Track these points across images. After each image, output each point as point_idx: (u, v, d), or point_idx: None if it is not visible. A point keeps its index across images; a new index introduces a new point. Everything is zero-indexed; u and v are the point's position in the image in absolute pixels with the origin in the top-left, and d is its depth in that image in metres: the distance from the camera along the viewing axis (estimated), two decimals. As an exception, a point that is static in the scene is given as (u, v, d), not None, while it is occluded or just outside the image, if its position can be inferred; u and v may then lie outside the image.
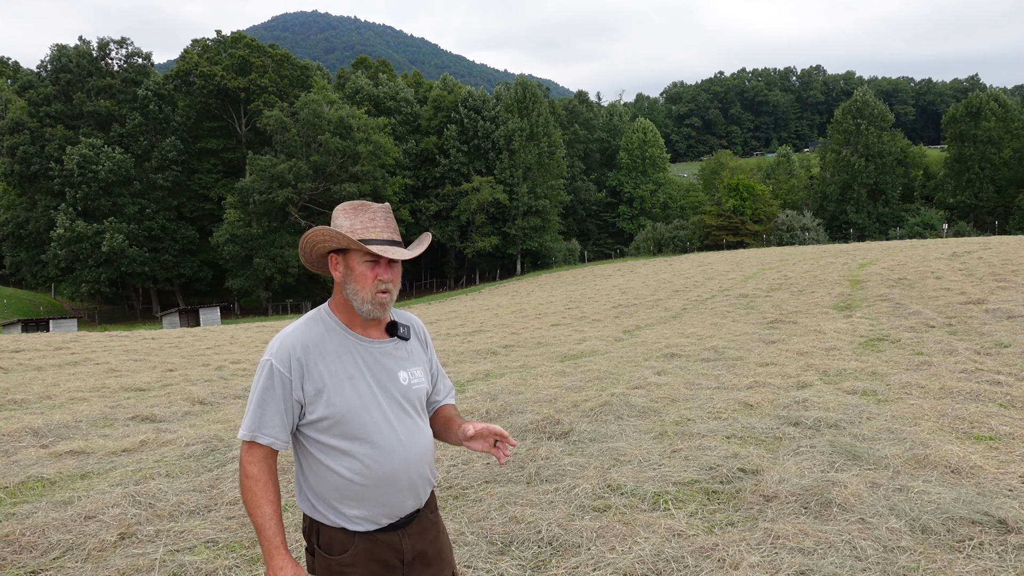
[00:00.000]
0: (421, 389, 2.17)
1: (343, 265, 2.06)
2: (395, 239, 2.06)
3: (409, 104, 67.67)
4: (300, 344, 2.03)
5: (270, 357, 2.02)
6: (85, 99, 56.32)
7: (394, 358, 2.13)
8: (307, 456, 2.08)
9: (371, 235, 2.02)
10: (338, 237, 2.00)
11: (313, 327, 2.07)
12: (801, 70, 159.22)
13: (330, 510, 2.05)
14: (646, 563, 3.58)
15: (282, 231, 54.22)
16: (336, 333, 2.08)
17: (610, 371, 9.14)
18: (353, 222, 2.03)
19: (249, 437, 2.01)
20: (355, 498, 2.02)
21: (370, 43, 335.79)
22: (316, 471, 2.06)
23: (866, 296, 16.57)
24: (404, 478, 2.05)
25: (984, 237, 43.34)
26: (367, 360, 2.08)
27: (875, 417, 6.06)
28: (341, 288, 2.08)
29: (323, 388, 2.00)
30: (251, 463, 2.01)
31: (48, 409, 8.27)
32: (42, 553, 3.98)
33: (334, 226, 2.05)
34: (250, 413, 2.02)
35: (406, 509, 2.09)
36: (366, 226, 2.02)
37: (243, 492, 2.02)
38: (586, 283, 37.19)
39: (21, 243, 58.07)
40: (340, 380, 2.02)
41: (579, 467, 5.14)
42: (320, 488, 2.05)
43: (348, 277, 2.05)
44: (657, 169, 76.82)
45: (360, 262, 2.02)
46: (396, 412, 2.07)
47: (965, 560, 3.47)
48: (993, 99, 69.86)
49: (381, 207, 2.07)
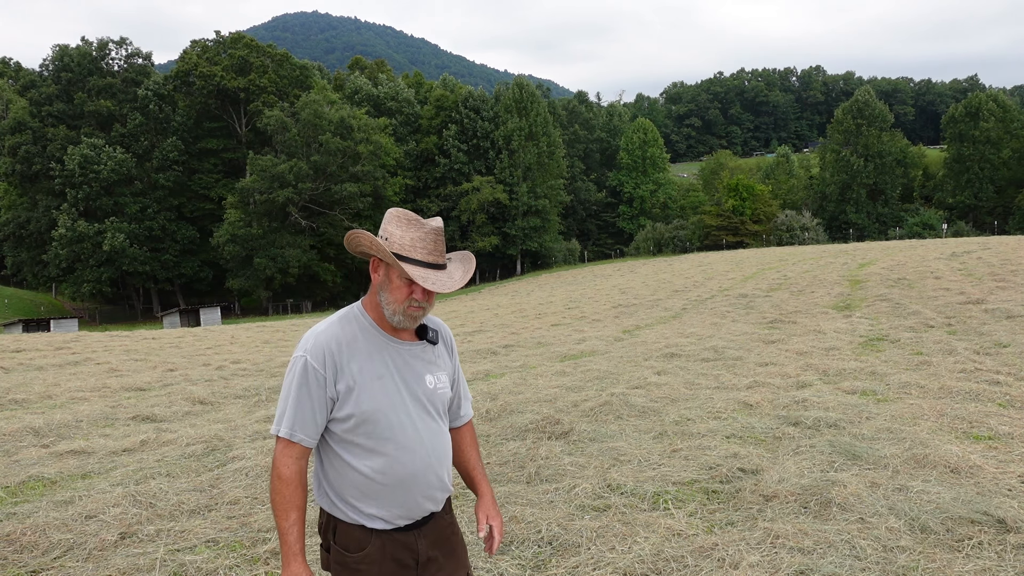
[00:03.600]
0: (445, 394, 2.19)
1: (383, 272, 2.06)
2: (440, 263, 2.04)
3: (410, 104, 67.69)
4: (335, 341, 2.03)
5: (304, 353, 2.02)
6: (86, 99, 56.34)
7: (422, 361, 2.14)
8: (329, 452, 2.09)
9: (417, 255, 2.00)
10: (382, 252, 2.00)
11: (346, 325, 2.08)
12: (801, 70, 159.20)
13: (349, 507, 2.06)
14: (646, 563, 3.59)
15: (282, 231, 54.22)
16: (368, 332, 2.08)
17: (610, 371, 9.14)
18: (403, 235, 2.01)
19: (287, 435, 2.01)
20: (374, 496, 2.04)
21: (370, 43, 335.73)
22: (338, 468, 2.07)
23: (866, 296, 16.58)
24: (423, 480, 2.07)
25: (983, 237, 43.35)
26: (396, 361, 2.09)
27: (874, 417, 6.06)
28: (377, 290, 2.09)
29: (354, 386, 2.01)
30: (285, 464, 2.01)
31: (49, 409, 8.28)
32: (43, 552, 3.99)
33: (384, 231, 2.03)
34: (288, 410, 2.01)
35: (424, 511, 2.10)
36: (415, 244, 2.00)
37: (273, 493, 2.01)
38: (586, 283, 37.19)
39: (22, 243, 58.09)
40: (370, 379, 2.03)
41: (579, 467, 5.15)
42: (340, 485, 2.06)
43: (385, 285, 2.05)
44: (657, 169, 76.84)
45: (398, 277, 2.02)
46: (420, 414, 2.09)
47: (964, 560, 3.47)
48: (992, 99, 69.91)
49: (433, 229, 2.02)
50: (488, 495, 2.34)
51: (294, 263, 53.17)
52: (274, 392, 9.19)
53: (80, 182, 52.72)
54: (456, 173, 64.31)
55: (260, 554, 3.91)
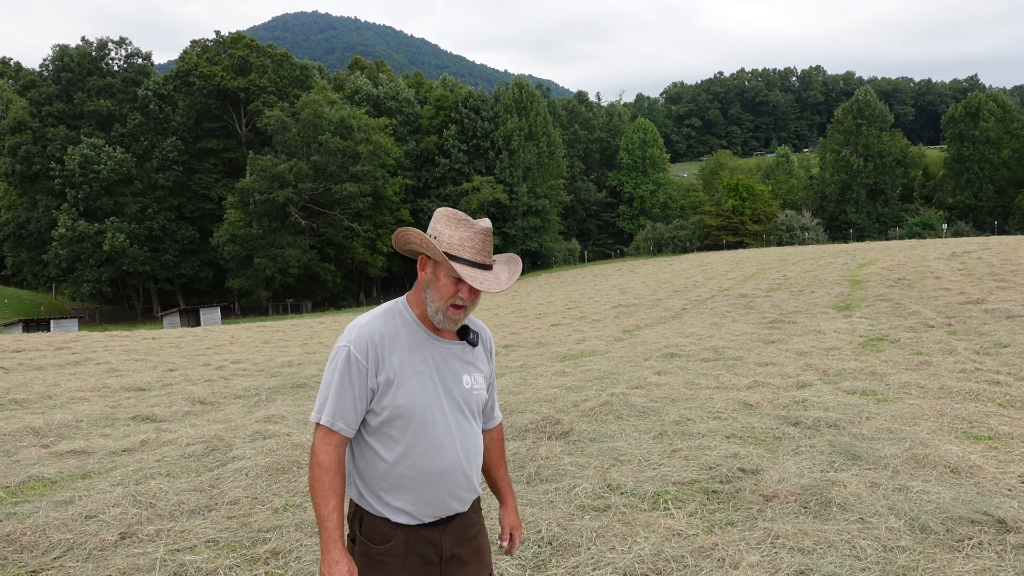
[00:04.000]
0: (480, 396, 2.21)
1: (431, 270, 2.08)
2: (487, 263, 2.07)
3: (409, 104, 67.70)
4: (378, 333, 2.06)
5: (348, 344, 2.05)
6: (86, 99, 56.37)
7: (460, 361, 2.17)
8: (361, 443, 2.11)
9: (466, 254, 2.03)
10: (432, 250, 2.02)
11: (390, 319, 2.11)
12: (801, 70, 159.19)
13: (376, 499, 2.09)
14: (646, 563, 3.59)
15: (282, 231, 54.22)
16: (411, 328, 2.11)
17: (610, 371, 9.14)
18: (452, 233, 2.03)
19: (328, 423, 2.03)
20: (402, 490, 2.06)
21: (370, 43, 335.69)
22: (368, 458, 2.10)
23: (865, 296, 16.58)
24: (452, 478, 2.09)
25: (983, 237, 43.36)
26: (436, 359, 2.11)
27: (874, 417, 6.06)
28: (422, 287, 2.12)
29: (393, 379, 2.04)
30: (325, 452, 2.03)
31: (49, 409, 8.28)
32: (43, 552, 3.99)
33: (433, 230, 2.06)
34: (330, 399, 2.03)
35: (450, 509, 2.13)
36: (464, 243, 2.03)
37: (312, 480, 2.03)
38: (586, 283, 37.20)
39: (22, 243, 58.10)
40: (409, 374, 2.06)
41: (579, 467, 5.15)
42: (370, 476, 2.09)
43: (431, 283, 2.08)
44: (657, 169, 76.84)
45: (446, 275, 2.04)
46: (454, 413, 2.12)
47: (964, 560, 3.47)
48: (992, 99, 69.92)
49: (483, 229, 2.05)
50: (511, 503, 2.39)
51: (294, 263, 53.17)
52: (274, 392, 9.19)
53: (80, 182, 52.73)
54: (456, 173, 64.31)
55: (260, 554, 3.91)
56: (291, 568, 3.74)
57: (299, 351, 15.04)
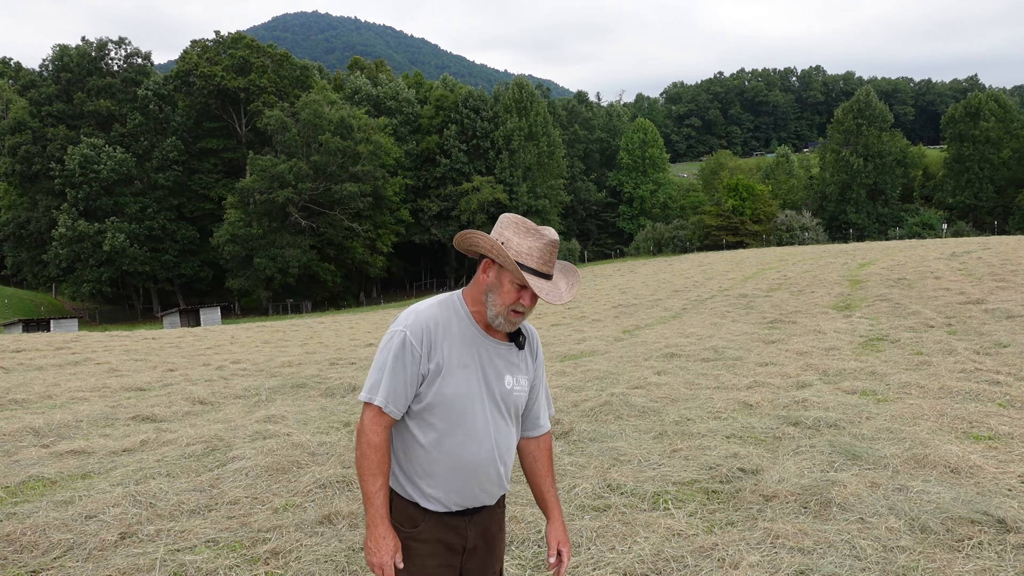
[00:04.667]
0: (521, 397, 2.25)
1: (494, 274, 2.12)
2: (550, 273, 2.12)
3: (410, 104, 67.66)
4: (433, 321, 2.11)
5: (404, 329, 2.09)
6: (86, 99, 56.34)
7: (505, 361, 2.21)
8: (401, 427, 2.16)
9: (533, 264, 2.06)
10: (504, 258, 2.06)
11: (444, 310, 2.16)
12: (801, 70, 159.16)
13: (409, 483, 2.15)
14: (646, 563, 3.59)
15: (282, 231, 54.20)
16: (464, 322, 2.16)
17: (610, 371, 9.15)
18: (521, 242, 2.07)
19: (382, 404, 2.07)
20: (435, 476, 2.11)
21: (370, 43, 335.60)
22: (407, 441, 2.14)
23: (865, 296, 16.58)
24: (483, 473, 2.15)
25: (983, 237, 43.36)
26: (483, 355, 2.16)
27: (874, 417, 6.06)
28: (483, 287, 2.15)
29: (442, 368, 2.09)
30: (376, 432, 2.07)
31: (49, 409, 8.28)
32: (43, 552, 3.99)
33: (501, 235, 2.09)
34: (384, 380, 2.07)
35: (477, 502, 2.18)
36: (532, 253, 2.06)
37: (360, 459, 2.08)
38: (586, 283, 37.21)
39: (22, 243, 58.06)
40: (457, 366, 2.11)
41: (579, 467, 5.15)
42: (405, 459, 2.15)
43: (494, 287, 2.12)
44: (657, 169, 76.80)
45: (511, 282, 2.09)
46: (492, 410, 2.16)
47: (964, 560, 3.47)
48: (992, 99, 69.92)
49: (551, 241, 2.08)
50: (559, 520, 2.38)
51: (294, 263, 53.15)
52: (274, 392, 9.19)
53: (80, 182, 52.69)
54: (456, 173, 64.30)
55: (260, 554, 3.91)
56: (291, 568, 3.74)
57: (299, 351, 15.05)
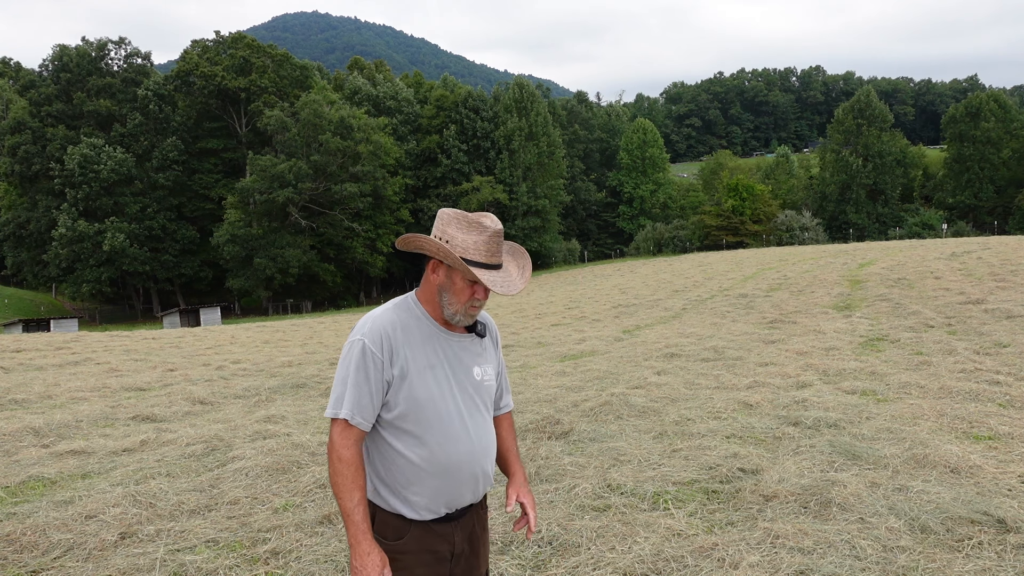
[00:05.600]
0: (491, 386, 2.24)
1: (444, 273, 2.08)
2: (498, 263, 2.08)
3: (409, 104, 67.68)
4: (391, 326, 2.07)
5: (362, 337, 2.04)
6: (85, 99, 56.33)
7: (470, 353, 2.18)
8: (377, 438, 2.11)
9: (480, 257, 2.03)
10: (450, 258, 2.02)
11: (402, 313, 2.12)
12: (801, 70, 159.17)
13: (392, 495, 2.09)
14: (646, 563, 3.59)
15: (282, 231, 54.22)
16: (422, 322, 2.13)
17: (610, 371, 9.14)
18: (465, 237, 2.03)
19: (348, 417, 2.02)
20: (420, 484, 2.07)
21: (370, 43, 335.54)
22: (385, 454, 2.10)
23: (865, 296, 16.58)
24: (467, 471, 2.11)
25: (983, 237, 43.35)
26: (447, 352, 2.13)
27: (874, 417, 6.06)
28: (435, 287, 2.12)
29: (407, 372, 2.05)
30: (346, 446, 2.02)
31: (49, 409, 8.28)
32: (43, 552, 3.99)
33: (443, 233, 2.04)
34: (347, 392, 2.03)
35: (464, 502, 2.15)
36: (478, 247, 2.02)
37: (334, 475, 2.02)
38: (586, 283, 37.20)
39: (22, 243, 58.07)
40: (422, 368, 2.07)
41: (579, 467, 5.15)
42: (386, 472, 2.10)
43: (446, 287, 2.09)
44: (657, 169, 76.79)
45: (462, 279, 2.05)
46: (468, 406, 2.13)
47: (964, 560, 3.47)
48: (992, 99, 69.87)
49: (494, 231, 2.04)
50: (520, 475, 2.36)
51: (294, 263, 53.17)
52: (274, 392, 9.19)
53: (80, 182, 52.70)
54: (456, 173, 64.32)
55: (260, 554, 3.91)
56: (291, 568, 3.74)
57: (299, 351, 15.04)
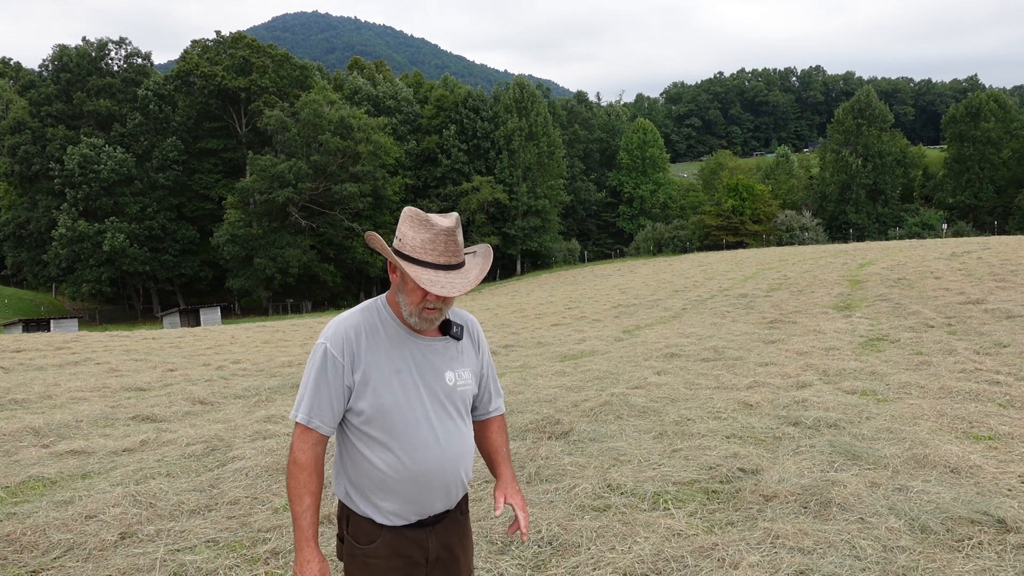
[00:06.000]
0: (467, 391, 2.17)
1: (399, 274, 2.04)
2: (453, 263, 1.99)
3: (409, 104, 67.70)
4: (354, 330, 2.04)
5: (325, 341, 2.03)
6: (85, 99, 56.32)
7: (443, 357, 2.12)
8: (347, 443, 2.10)
9: (428, 257, 1.96)
10: (391, 256, 1.98)
11: (368, 316, 2.08)
12: (801, 70, 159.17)
13: (362, 499, 2.07)
14: (646, 563, 3.59)
15: (282, 231, 54.22)
16: (389, 326, 2.08)
17: (610, 371, 9.14)
18: (415, 236, 1.97)
19: (304, 421, 2.02)
20: (387, 491, 2.04)
21: (370, 43, 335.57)
22: (354, 459, 2.08)
23: (865, 296, 16.57)
24: (437, 479, 2.06)
25: (983, 237, 43.35)
26: (416, 356, 2.07)
27: (874, 417, 6.06)
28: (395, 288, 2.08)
29: (371, 378, 2.01)
30: (302, 450, 2.02)
31: (49, 409, 8.27)
32: (43, 552, 3.99)
33: (399, 232, 2.01)
34: (306, 397, 2.02)
35: (436, 509, 2.10)
36: (424, 246, 1.96)
37: (288, 478, 2.03)
38: (586, 283, 37.20)
39: (22, 243, 58.07)
40: (388, 373, 2.03)
41: (579, 467, 5.15)
42: (356, 476, 2.08)
43: (402, 287, 2.04)
44: (657, 169, 76.78)
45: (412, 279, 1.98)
46: (438, 412, 2.07)
47: (964, 560, 3.47)
48: (992, 99, 69.88)
49: (444, 228, 1.96)
50: (507, 476, 2.30)
51: (294, 263, 53.17)
52: (274, 392, 9.19)
53: (80, 182, 52.69)
54: (456, 173, 64.35)
55: (260, 554, 3.91)
56: (291, 568, 3.73)
57: (299, 351, 15.04)
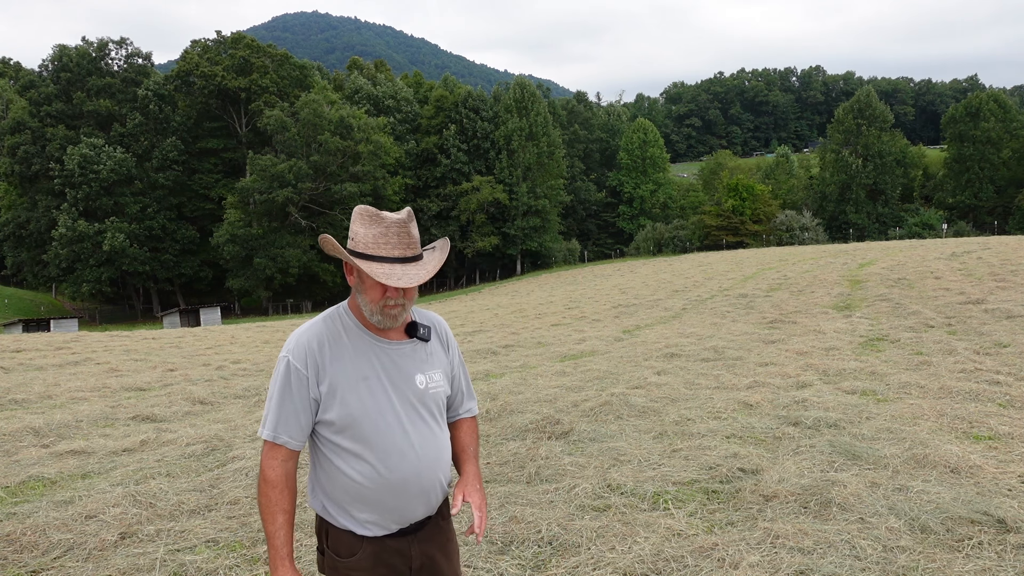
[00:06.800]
0: (439, 393, 2.11)
1: (356, 273, 1.98)
2: (407, 255, 1.95)
3: (409, 104, 67.71)
4: (316, 341, 1.98)
5: (287, 354, 1.97)
6: (85, 99, 56.33)
7: (412, 360, 2.06)
8: (320, 456, 2.05)
9: (381, 251, 1.92)
10: (343, 254, 1.94)
11: (330, 325, 2.03)
12: (801, 70, 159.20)
13: (340, 512, 2.02)
14: (646, 563, 3.59)
15: (282, 231, 54.24)
16: (353, 332, 2.02)
17: (610, 371, 9.14)
18: (366, 232, 1.93)
19: (270, 437, 1.97)
20: (365, 502, 1.99)
21: (370, 43, 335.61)
22: (328, 472, 2.03)
23: (866, 296, 16.57)
24: (415, 486, 2.01)
25: (983, 237, 43.35)
26: (383, 361, 2.02)
27: (874, 417, 6.06)
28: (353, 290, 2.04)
29: (337, 387, 1.96)
30: (271, 467, 1.97)
31: (49, 409, 8.27)
32: (43, 552, 3.99)
33: (351, 231, 1.97)
34: (271, 412, 1.98)
35: (416, 516, 2.05)
36: (377, 241, 1.92)
37: (259, 495, 1.97)
38: (586, 283, 37.20)
39: (22, 243, 58.10)
40: (355, 381, 1.97)
41: (579, 467, 5.15)
42: (331, 489, 2.02)
43: (359, 287, 1.99)
44: (657, 169, 76.81)
45: (369, 276, 1.93)
46: (411, 417, 2.02)
47: (964, 560, 3.47)
48: (992, 99, 69.90)
49: (396, 220, 1.94)
50: (470, 474, 2.20)
51: (294, 263, 53.20)
52: (274, 392, 9.18)
53: (80, 182, 52.71)
54: (456, 173, 64.35)
55: (260, 554, 3.91)
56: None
57: (299, 351, 15.02)
